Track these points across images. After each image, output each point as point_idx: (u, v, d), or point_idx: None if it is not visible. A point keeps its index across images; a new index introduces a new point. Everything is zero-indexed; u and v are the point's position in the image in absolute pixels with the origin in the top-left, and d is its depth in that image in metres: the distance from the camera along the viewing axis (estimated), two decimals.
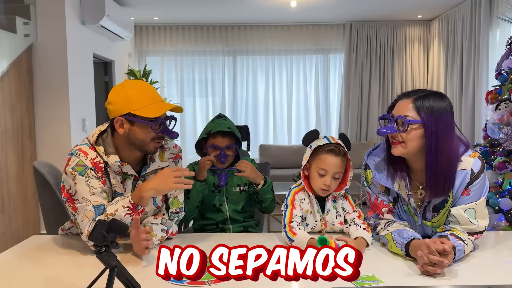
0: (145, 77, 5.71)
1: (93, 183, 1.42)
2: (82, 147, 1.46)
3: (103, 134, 1.50)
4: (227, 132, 1.80)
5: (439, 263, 1.19)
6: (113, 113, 1.44)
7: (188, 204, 1.76)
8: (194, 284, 1.17)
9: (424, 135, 1.35)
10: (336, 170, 1.53)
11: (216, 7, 5.31)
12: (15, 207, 3.52)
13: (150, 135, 1.43)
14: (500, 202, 2.87)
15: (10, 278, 1.25)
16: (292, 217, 1.54)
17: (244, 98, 6.50)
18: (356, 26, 6.22)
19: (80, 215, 1.40)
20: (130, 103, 1.40)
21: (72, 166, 1.42)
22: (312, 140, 1.59)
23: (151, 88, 1.48)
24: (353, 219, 1.58)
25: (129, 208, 1.37)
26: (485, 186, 1.41)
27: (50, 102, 3.85)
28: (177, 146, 1.67)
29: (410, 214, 1.50)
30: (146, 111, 1.40)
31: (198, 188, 1.76)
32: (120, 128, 1.43)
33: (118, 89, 1.44)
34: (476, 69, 4.79)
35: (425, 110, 1.34)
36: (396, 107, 1.41)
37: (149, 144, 1.45)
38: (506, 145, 2.85)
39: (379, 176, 1.49)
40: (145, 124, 1.41)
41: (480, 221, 1.38)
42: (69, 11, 3.90)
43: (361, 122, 6.39)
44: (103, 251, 0.99)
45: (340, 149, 1.54)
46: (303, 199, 1.59)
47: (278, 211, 3.64)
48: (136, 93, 1.42)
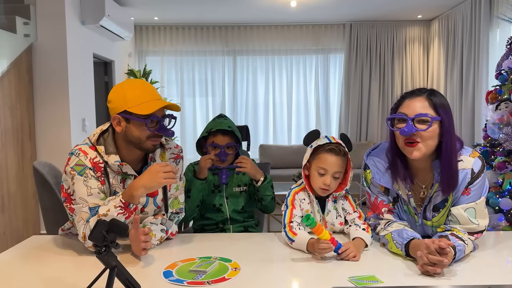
0: (145, 77, 5.71)
1: (91, 183, 1.42)
2: (83, 147, 1.47)
3: (105, 133, 1.50)
4: (227, 131, 1.81)
5: (439, 262, 1.19)
6: (112, 111, 1.45)
7: (188, 203, 1.76)
8: (194, 284, 1.17)
9: (441, 132, 1.35)
10: (336, 169, 1.53)
11: (216, 7, 5.31)
12: (15, 207, 3.52)
13: (145, 132, 1.43)
14: (500, 202, 2.87)
15: (10, 278, 1.25)
16: (292, 217, 1.54)
17: (244, 98, 6.50)
18: (356, 26, 6.23)
19: (77, 216, 1.41)
20: (126, 101, 1.41)
21: (72, 166, 1.43)
22: (313, 140, 1.59)
23: (150, 87, 1.49)
24: (353, 219, 1.58)
25: (120, 207, 1.36)
26: (485, 186, 1.41)
27: (50, 102, 3.85)
28: (178, 147, 1.67)
29: (410, 214, 1.50)
30: (140, 108, 1.40)
31: (198, 187, 1.77)
32: (118, 126, 1.44)
33: (117, 88, 1.46)
34: (476, 69, 4.79)
35: (441, 106, 1.36)
36: (407, 106, 1.37)
37: (146, 142, 1.45)
38: (506, 145, 2.85)
39: (378, 176, 1.49)
40: (140, 121, 1.42)
41: (480, 220, 1.38)
42: (69, 11, 3.90)
43: (361, 122, 6.39)
44: (103, 251, 0.99)
45: (340, 148, 1.55)
46: (303, 199, 1.59)
47: (278, 211, 3.64)
48: (133, 91, 1.43)
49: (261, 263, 1.35)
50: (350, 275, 1.21)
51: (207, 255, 1.39)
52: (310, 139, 1.60)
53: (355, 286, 1.15)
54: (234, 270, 1.26)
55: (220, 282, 1.18)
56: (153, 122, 1.44)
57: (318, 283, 1.19)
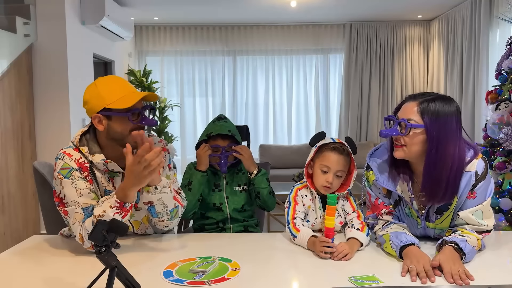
0: (145, 77, 5.71)
1: (80, 184, 1.42)
2: (66, 150, 1.47)
3: (86, 134, 1.50)
4: (227, 135, 1.81)
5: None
6: (90, 111, 1.44)
7: (189, 196, 1.76)
8: (194, 284, 1.17)
9: (427, 140, 1.33)
10: (338, 168, 1.54)
11: (216, 7, 5.31)
12: (15, 207, 3.52)
13: (128, 126, 1.42)
14: (500, 202, 2.87)
15: (10, 278, 1.25)
16: (295, 213, 1.56)
17: (244, 98, 6.50)
18: (356, 26, 6.23)
19: (71, 218, 1.41)
20: (103, 99, 1.40)
21: (58, 170, 1.43)
22: (319, 140, 1.61)
23: (123, 81, 1.48)
24: (352, 219, 1.59)
25: (116, 207, 1.35)
26: (490, 186, 1.40)
27: (50, 102, 3.85)
28: (162, 140, 1.65)
29: (413, 217, 1.48)
30: (120, 103, 1.40)
31: (199, 179, 1.77)
32: (99, 124, 1.43)
33: (90, 88, 1.45)
34: (476, 69, 4.79)
35: (430, 114, 1.32)
36: (402, 109, 1.40)
37: (129, 137, 1.43)
38: (506, 145, 2.85)
39: (381, 178, 1.47)
40: (121, 116, 1.41)
41: (487, 221, 1.38)
42: (69, 11, 3.90)
43: (361, 122, 6.39)
44: (103, 251, 0.99)
45: (344, 148, 1.56)
46: (305, 195, 1.61)
47: (278, 211, 3.65)
48: (107, 88, 1.42)
49: (261, 263, 1.35)
50: (350, 275, 1.21)
51: (207, 255, 1.38)
52: (316, 140, 1.61)
53: (355, 286, 1.15)
54: (234, 270, 1.26)
55: (220, 282, 1.18)
56: (134, 114, 1.43)
57: (318, 283, 1.19)
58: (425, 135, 1.33)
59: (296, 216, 1.55)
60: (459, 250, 1.28)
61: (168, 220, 1.54)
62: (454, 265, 1.21)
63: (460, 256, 1.27)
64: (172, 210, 1.51)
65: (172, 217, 1.53)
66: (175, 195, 1.54)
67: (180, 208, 1.57)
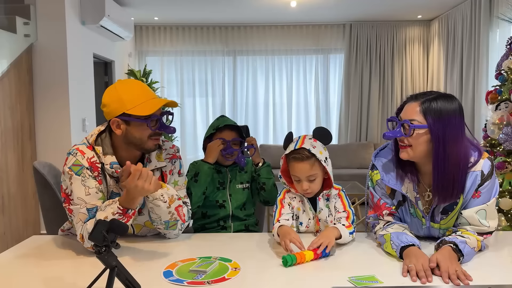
0: (145, 77, 5.71)
1: (89, 183, 1.42)
2: (80, 147, 1.47)
3: (102, 134, 1.50)
4: (234, 126, 1.86)
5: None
6: (108, 115, 1.44)
7: (195, 188, 1.77)
8: (194, 284, 1.17)
9: (431, 139, 1.33)
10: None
11: (216, 7, 5.31)
12: (15, 207, 3.52)
13: (146, 132, 1.43)
14: (500, 202, 2.87)
15: (10, 278, 1.25)
16: (280, 215, 1.57)
17: (244, 98, 6.50)
18: (356, 26, 6.22)
19: (75, 217, 1.41)
20: (124, 104, 1.40)
21: (69, 166, 1.43)
22: (289, 143, 1.61)
23: (144, 86, 1.48)
24: (339, 218, 1.56)
25: (119, 214, 1.36)
26: (495, 187, 1.40)
27: (50, 102, 3.85)
28: (174, 147, 1.66)
29: (417, 217, 1.48)
30: (140, 109, 1.40)
31: (206, 171, 1.78)
32: (117, 129, 1.43)
33: (110, 91, 1.44)
34: (476, 69, 4.79)
35: (432, 114, 1.32)
36: (404, 110, 1.39)
37: (148, 142, 1.45)
38: (506, 145, 2.85)
39: (387, 178, 1.47)
40: (141, 122, 1.42)
41: (490, 222, 1.38)
42: (69, 11, 3.90)
43: (361, 122, 6.38)
44: (103, 251, 0.99)
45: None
46: (294, 197, 1.61)
47: None
48: (129, 93, 1.42)
49: (261, 263, 1.35)
50: (350, 275, 1.21)
51: (207, 255, 1.39)
52: (286, 144, 1.62)
53: (355, 286, 1.15)
54: (234, 270, 1.26)
55: (220, 282, 1.18)
56: (153, 121, 1.44)
57: (318, 283, 1.19)
58: (429, 135, 1.33)
59: (280, 219, 1.55)
60: (458, 251, 1.28)
61: (165, 229, 1.54)
62: (451, 265, 1.21)
63: (458, 257, 1.27)
64: (167, 222, 1.51)
65: (168, 227, 1.53)
66: (177, 207, 1.51)
67: (180, 223, 1.55)
